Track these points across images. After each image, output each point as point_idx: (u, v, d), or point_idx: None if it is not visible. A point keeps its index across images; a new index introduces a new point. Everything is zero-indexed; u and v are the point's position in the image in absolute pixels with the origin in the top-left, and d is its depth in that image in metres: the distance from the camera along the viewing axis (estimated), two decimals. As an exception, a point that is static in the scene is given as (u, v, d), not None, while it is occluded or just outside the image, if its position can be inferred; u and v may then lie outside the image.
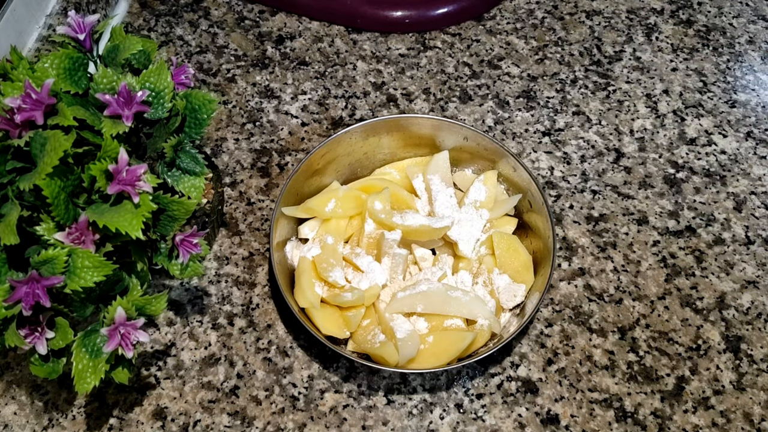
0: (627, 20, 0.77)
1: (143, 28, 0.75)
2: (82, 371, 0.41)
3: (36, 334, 0.40)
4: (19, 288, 0.38)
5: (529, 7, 0.78)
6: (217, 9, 0.77)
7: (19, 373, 0.53)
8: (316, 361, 0.54)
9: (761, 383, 0.54)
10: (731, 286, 0.58)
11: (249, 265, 0.59)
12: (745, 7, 0.78)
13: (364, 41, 0.74)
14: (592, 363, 0.54)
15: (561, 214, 0.62)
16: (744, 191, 0.64)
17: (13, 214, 0.38)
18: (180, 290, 0.58)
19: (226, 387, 0.53)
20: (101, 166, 0.39)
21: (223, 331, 0.56)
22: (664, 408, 0.52)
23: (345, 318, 0.53)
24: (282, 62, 0.72)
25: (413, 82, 0.71)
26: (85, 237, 0.40)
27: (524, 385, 0.53)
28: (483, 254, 0.56)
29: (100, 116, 0.42)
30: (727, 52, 0.74)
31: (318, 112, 0.69)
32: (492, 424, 0.52)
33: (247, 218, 0.62)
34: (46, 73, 0.42)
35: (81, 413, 0.52)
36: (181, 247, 0.45)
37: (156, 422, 0.51)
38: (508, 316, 0.55)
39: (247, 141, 0.67)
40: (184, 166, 0.46)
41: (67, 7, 0.69)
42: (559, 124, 0.68)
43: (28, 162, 0.40)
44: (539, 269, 0.55)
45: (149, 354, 0.55)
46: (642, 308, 0.57)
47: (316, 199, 0.58)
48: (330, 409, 0.52)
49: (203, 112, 0.46)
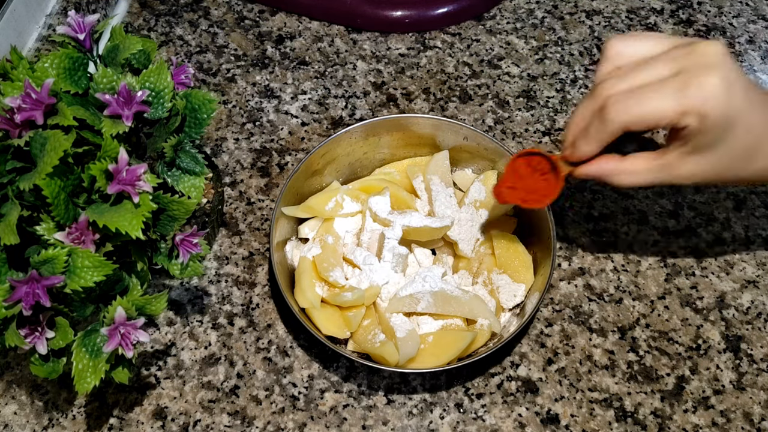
0: (627, 20, 0.77)
1: (143, 27, 0.75)
2: (82, 371, 0.41)
3: (36, 334, 0.40)
4: (19, 288, 0.38)
5: (529, 7, 0.78)
6: (217, 9, 0.77)
7: (19, 373, 0.53)
8: (316, 361, 0.54)
9: (761, 383, 0.54)
10: (731, 285, 0.58)
11: (249, 265, 0.59)
12: (745, 7, 0.78)
13: (364, 41, 0.74)
14: (592, 363, 0.54)
15: (561, 214, 0.62)
16: (744, 191, 0.64)
17: (13, 214, 0.38)
18: (180, 290, 0.58)
19: (226, 387, 0.53)
20: (101, 165, 0.39)
21: (223, 330, 0.56)
22: (664, 408, 0.52)
23: (345, 318, 0.53)
24: (282, 62, 0.72)
25: (413, 82, 0.71)
26: (85, 237, 0.40)
27: (524, 384, 0.53)
28: (483, 254, 0.56)
29: (100, 116, 0.42)
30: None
31: (318, 112, 0.69)
32: (492, 423, 0.52)
33: (247, 218, 0.62)
34: (46, 73, 0.42)
35: (81, 413, 0.52)
36: (181, 247, 0.45)
37: (156, 422, 0.51)
38: (508, 315, 0.55)
39: (247, 141, 0.67)
40: (184, 166, 0.46)
41: (67, 7, 0.69)
42: (559, 123, 0.68)
43: (28, 162, 0.40)
44: (539, 269, 0.55)
45: (149, 354, 0.55)
46: (642, 308, 0.57)
47: (316, 199, 0.58)
48: (330, 409, 0.52)
49: (203, 112, 0.46)
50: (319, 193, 0.59)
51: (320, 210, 0.57)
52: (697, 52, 0.40)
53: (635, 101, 0.40)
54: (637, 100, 0.40)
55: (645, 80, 0.41)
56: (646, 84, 0.41)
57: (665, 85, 0.40)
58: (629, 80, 0.41)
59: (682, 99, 0.40)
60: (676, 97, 0.40)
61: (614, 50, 0.42)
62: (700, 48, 0.41)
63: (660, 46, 0.42)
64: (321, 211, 0.57)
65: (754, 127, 0.42)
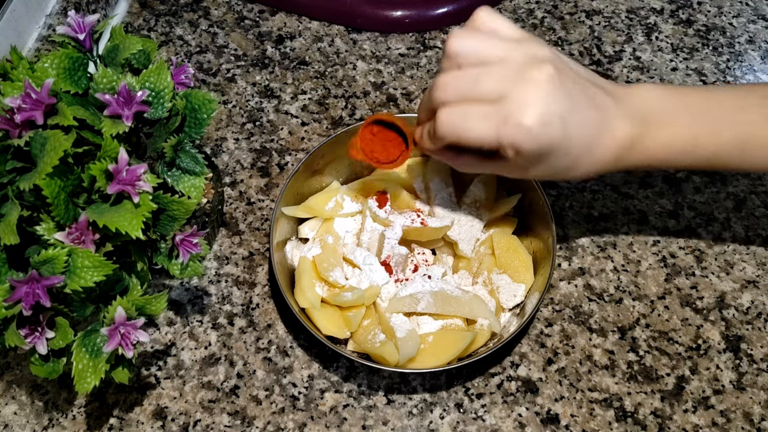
0: (627, 20, 0.77)
1: (143, 28, 0.75)
2: (82, 371, 0.41)
3: (36, 334, 0.40)
4: (19, 288, 0.38)
5: (529, 7, 0.78)
6: (217, 9, 0.77)
7: (19, 373, 0.53)
8: (316, 361, 0.54)
9: (761, 383, 0.54)
10: (731, 285, 0.58)
11: (249, 265, 0.59)
12: (745, 6, 0.78)
13: (364, 41, 0.74)
14: (592, 363, 0.54)
15: (561, 214, 0.62)
16: (744, 191, 0.64)
17: (13, 214, 0.38)
18: (180, 290, 0.58)
19: (226, 387, 0.53)
20: (101, 165, 0.39)
21: (223, 330, 0.56)
22: (664, 408, 0.52)
23: (345, 318, 0.53)
24: (282, 62, 0.72)
25: (413, 82, 0.71)
26: (85, 237, 0.40)
27: (524, 384, 0.53)
28: (483, 254, 0.56)
29: (100, 116, 0.42)
30: (727, 52, 0.74)
31: (318, 112, 0.69)
32: (492, 423, 0.52)
33: (247, 218, 0.62)
34: (46, 73, 0.42)
35: (81, 413, 0.52)
36: (181, 247, 0.45)
37: (156, 422, 0.51)
38: (508, 315, 0.55)
39: (247, 141, 0.67)
40: (184, 166, 0.46)
41: (66, 7, 0.69)
42: (559, 123, 0.68)
43: (28, 162, 0.40)
44: (539, 269, 0.55)
45: (149, 354, 0.55)
46: (642, 308, 0.57)
47: (316, 199, 0.58)
48: (330, 409, 0.52)
49: (203, 112, 0.46)
50: (319, 193, 0.59)
51: (320, 210, 0.57)
52: (525, 75, 0.42)
53: (461, 121, 0.43)
54: (462, 120, 0.43)
55: (475, 93, 0.42)
56: (475, 99, 0.43)
57: (488, 115, 0.42)
58: (462, 85, 0.43)
59: (500, 132, 0.42)
60: (495, 129, 0.42)
61: (453, 49, 0.44)
62: (529, 69, 0.42)
63: (497, 48, 0.43)
64: (321, 211, 0.57)
65: (572, 149, 0.43)
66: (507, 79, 0.42)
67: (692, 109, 0.47)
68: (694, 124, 0.46)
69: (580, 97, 0.43)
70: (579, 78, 0.44)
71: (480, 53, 0.43)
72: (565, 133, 0.42)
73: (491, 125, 0.42)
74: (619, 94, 0.46)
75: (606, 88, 0.45)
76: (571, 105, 0.42)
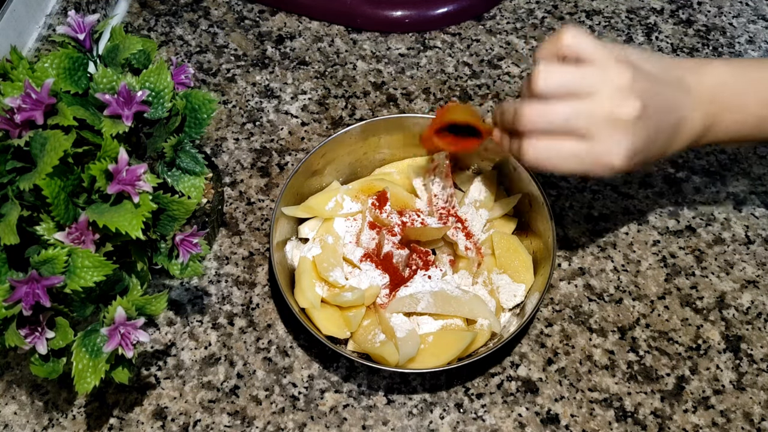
0: (627, 20, 0.77)
1: (143, 28, 0.75)
2: (82, 371, 0.41)
3: (36, 334, 0.40)
4: (19, 288, 0.38)
5: (529, 7, 0.78)
6: (217, 9, 0.77)
7: (19, 373, 0.53)
8: (316, 361, 0.54)
9: (761, 383, 0.54)
10: (731, 285, 0.58)
11: (249, 265, 0.59)
12: (745, 7, 0.78)
13: (364, 41, 0.74)
14: (592, 363, 0.54)
15: (561, 214, 0.62)
16: (744, 191, 0.64)
17: (13, 214, 0.38)
18: (180, 290, 0.58)
19: (226, 387, 0.53)
20: (101, 165, 0.39)
21: (223, 330, 0.56)
22: (664, 408, 0.52)
23: (345, 318, 0.53)
24: (282, 62, 0.72)
25: (413, 82, 0.71)
26: (85, 237, 0.40)
27: (524, 384, 0.53)
28: (483, 254, 0.56)
29: (100, 116, 0.42)
30: (727, 52, 0.74)
31: (318, 112, 0.69)
32: (492, 423, 0.52)
33: (247, 218, 0.62)
34: (46, 73, 0.42)
35: (81, 413, 0.52)
36: (181, 247, 0.45)
37: (156, 422, 0.51)
38: (508, 315, 0.55)
39: (247, 141, 0.67)
40: (184, 166, 0.46)
41: (67, 7, 0.69)
42: (559, 123, 0.68)
43: (28, 162, 0.40)
44: (539, 269, 0.55)
45: (149, 354, 0.55)
46: (642, 308, 0.57)
47: (316, 199, 0.58)
48: (330, 409, 0.52)
49: (203, 112, 0.46)
50: (319, 193, 0.59)
51: (320, 210, 0.57)
52: (613, 114, 0.43)
53: (550, 156, 0.45)
54: (551, 155, 0.45)
55: (563, 129, 0.44)
56: (563, 134, 0.44)
57: (577, 154, 0.44)
58: (550, 120, 0.44)
59: (588, 169, 0.45)
60: (583, 167, 0.45)
61: (539, 88, 0.44)
62: (617, 107, 0.43)
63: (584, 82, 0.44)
64: (321, 211, 0.57)
65: (650, 156, 0.47)
66: (596, 118, 0.43)
67: (759, 88, 0.48)
68: (760, 106, 0.48)
69: (661, 114, 0.45)
70: (657, 85, 0.45)
71: (567, 88, 0.44)
72: (648, 156, 0.46)
73: (580, 163, 0.45)
74: (692, 83, 0.47)
75: (680, 79, 0.47)
76: (655, 132, 0.45)
